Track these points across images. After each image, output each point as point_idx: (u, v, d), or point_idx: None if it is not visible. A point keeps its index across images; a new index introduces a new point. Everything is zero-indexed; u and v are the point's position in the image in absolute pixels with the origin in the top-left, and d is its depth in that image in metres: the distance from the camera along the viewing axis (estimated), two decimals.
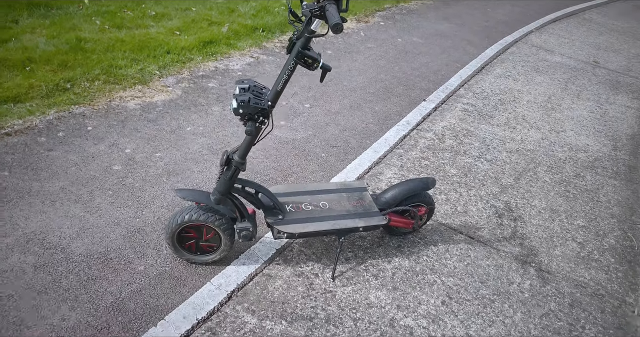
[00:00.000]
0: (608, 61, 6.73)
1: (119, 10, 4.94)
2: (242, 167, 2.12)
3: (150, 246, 2.46)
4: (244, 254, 2.51)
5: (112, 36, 4.36)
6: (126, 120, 3.37)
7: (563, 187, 3.66)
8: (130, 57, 4.07)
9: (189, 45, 4.49)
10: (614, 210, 3.52)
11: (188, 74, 4.13)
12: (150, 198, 2.76)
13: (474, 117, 4.45)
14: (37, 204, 2.57)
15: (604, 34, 8.02)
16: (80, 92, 3.54)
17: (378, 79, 4.78)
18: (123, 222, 2.57)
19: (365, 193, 2.67)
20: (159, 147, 3.18)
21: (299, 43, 1.87)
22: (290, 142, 3.54)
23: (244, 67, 4.44)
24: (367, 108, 4.23)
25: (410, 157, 3.67)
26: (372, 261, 2.65)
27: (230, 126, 3.55)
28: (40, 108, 3.28)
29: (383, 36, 5.88)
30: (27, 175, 2.74)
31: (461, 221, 3.10)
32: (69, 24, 4.43)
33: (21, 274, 2.19)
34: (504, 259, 2.86)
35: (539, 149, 4.13)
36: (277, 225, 2.31)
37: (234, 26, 5.10)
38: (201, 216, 2.20)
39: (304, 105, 4.05)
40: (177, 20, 4.99)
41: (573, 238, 3.15)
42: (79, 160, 2.93)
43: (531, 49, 6.61)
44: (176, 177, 2.96)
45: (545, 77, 5.69)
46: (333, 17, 1.61)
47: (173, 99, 3.73)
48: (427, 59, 5.51)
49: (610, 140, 4.52)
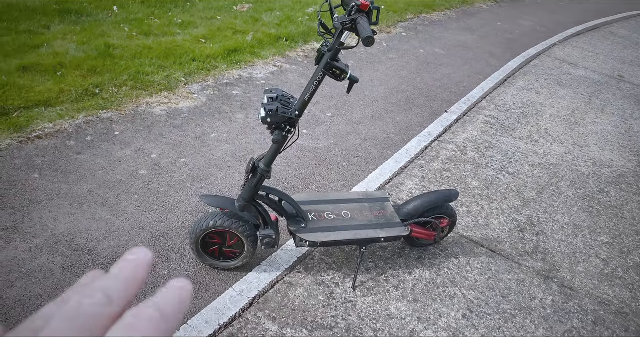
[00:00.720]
0: (633, 76, 6.64)
1: (146, 18, 5.05)
2: (268, 175, 2.14)
3: (174, 251, 2.49)
4: (266, 261, 2.53)
5: (139, 43, 4.45)
6: (152, 126, 3.44)
7: (587, 203, 3.62)
8: (157, 64, 4.15)
9: (214, 53, 4.56)
10: (639, 227, 3.46)
11: (213, 81, 4.20)
12: (174, 203, 2.81)
13: (496, 130, 4.43)
14: (65, 206, 2.63)
15: (629, 48, 7.93)
16: (108, 97, 3.62)
17: (400, 90, 4.79)
18: (148, 226, 2.61)
19: (388, 203, 2.68)
20: (183, 153, 3.23)
21: (328, 55, 1.90)
22: (312, 151, 3.57)
23: (267, 76, 4.50)
24: (388, 118, 4.25)
25: (432, 169, 3.66)
26: (392, 271, 2.65)
27: (254, 134, 3.59)
28: (69, 112, 3.36)
29: (405, 47, 5.90)
30: (56, 177, 2.81)
31: (483, 234, 3.08)
32: (98, 30, 4.54)
33: (49, 274, 2.24)
34: (526, 273, 2.83)
35: (562, 163, 4.09)
36: (299, 233, 2.33)
37: (258, 35, 5.17)
38: (225, 222, 2.23)
39: (325, 115, 4.08)
40: (203, 29, 5.08)
41: (597, 255, 3.11)
42: (106, 164, 2.99)
43: (554, 62, 6.56)
44: (200, 183, 3.00)
45: (568, 91, 5.65)
46: (365, 30, 1.63)
47: (198, 106, 3.79)
48: (449, 70, 5.51)
49: (635, 156, 4.46)
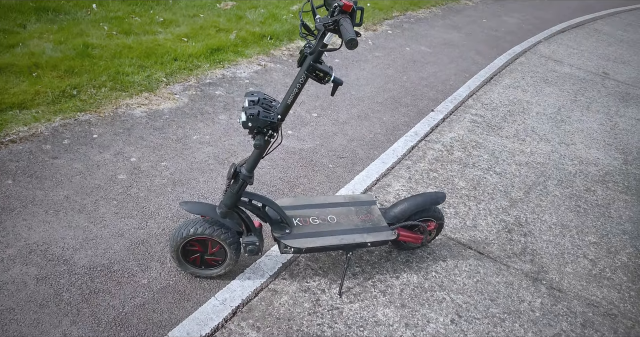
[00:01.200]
0: (617, 72, 6.67)
1: (127, 16, 4.93)
2: (250, 181, 2.07)
3: (154, 259, 2.41)
4: (250, 268, 2.46)
5: (119, 42, 4.33)
6: (132, 128, 3.34)
7: (574, 202, 3.60)
8: (137, 64, 4.05)
9: (196, 52, 4.46)
10: (625, 226, 3.45)
11: (195, 81, 4.10)
12: (155, 208, 2.72)
13: (483, 129, 4.40)
14: (40, 214, 2.53)
15: (613, 45, 7.97)
16: (86, 99, 3.51)
17: (386, 89, 4.74)
18: (127, 233, 2.53)
19: (374, 207, 2.62)
20: (164, 156, 3.14)
21: (311, 57, 1.83)
22: (297, 153, 3.50)
23: (251, 75, 4.41)
24: (375, 118, 4.19)
25: (419, 169, 3.61)
26: (379, 276, 2.59)
27: (237, 135, 3.51)
28: (46, 115, 3.25)
29: (391, 45, 5.85)
30: (31, 183, 2.71)
31: (470, 235, 3.04)
32: (76, 29, 4.41)
33: (22, 286, 2.15)
34: (514, 276, 2.80)
35: (549, 162, 4.08)
36: (284, 239, 2.26)
37: (242, 33, 5.07)
38: (207, 230, 2.15)
39: (311, 115, 4.01)
40: (185, 27, 4.97)
41: (584, 255, 3.08)
42: (84, 168, 2.89)
43: (540, 59, 6.56)
44: (182, 187, 2.92)
45: (554, 88, 5.64)
46: (347, 32, 1.57)
47: (180, 107, 3.70)
48: (435, 68, 5.47)
49: (620, 154, 4.46)
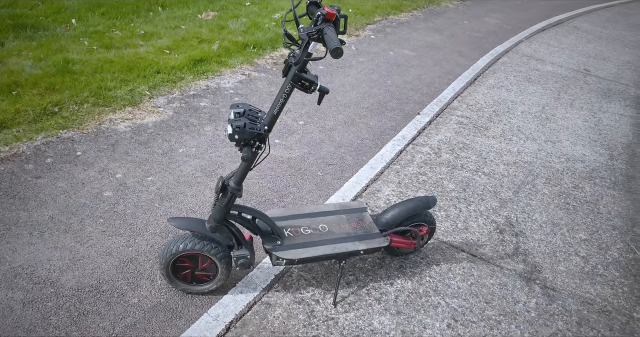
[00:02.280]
0: (598, 69, 6.75)
1: (107, 30, 4.88)
2: (239, 194, 2.04)
3: (144, 276, 2.37)
4: (242, 282, 2.42)
5: (100, 57, 4.28)
6: (116, 143, 3.29)
7: (563, 200, 3.61)
8: (120, 78, 4.00)
9: (179, 64, 4.43)
10: (615, 221, 3.47)
11: (179, 93, 4.06)
12: (142, 225, 2.67)
13: (469, 130, 4.41)
14: (24, 236, 2.47)
15: (592, 42, 8.07)
16: (68, 115, 3.45)
17: (371, 94, 4.74)
18: (115, 251, 2.48)
19: (365, 214, 2.61)
20: (150, 171, 3.10)
21: (296, 66, 1.81)
22: (285, 161, 3.47)
23: (235, 85, 4.38)
24: (361, 123, 4.18)
25: (408, 173, 3.61)
26: (374, 283, 2.57)
27: (224, 146, 3.48)
28: (27, 134, 3.19)
29: (374, 49, 5.86)
30: (14, 205, 2.65)
31: (462, 238, 3.03)
32: (56, 45, 4.35)
33: (8, 311, 2.09)
34: (508, 277, 2.79)
35: (536, 160, 4.09)
36: (275, 251, 2.23)
37: (225, 43, 5.05)
38: (196, 245, 2.12)
39: (298, 123, 3.99)
40: (167, 39, 4.93)
41: (576, 252, 3.09)
42: (68, 187, 2.83)
43: (522, 58, 6.62)
44: (169, 202, 2.87)
45: (537, 87, 5.69)
46: (332, 41, 1.55)
47: (164, 120, 3.66)
48: (420, 71, 5.49)
49: (606, 150, 4.50)
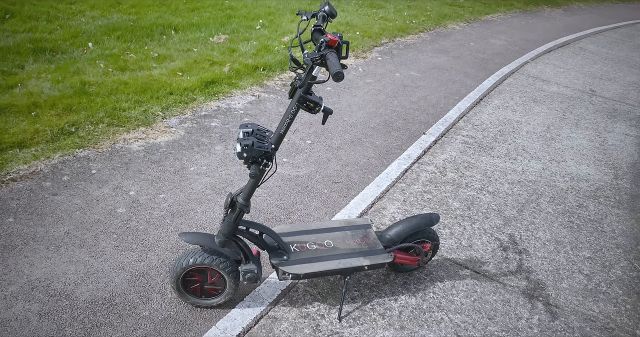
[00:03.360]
0: (604, 89, 6.82)
1: (122, 53, 5.06)
2: (247, 210, 2.13)
3: (155, 290, 2.45)
4: (249, 296, 2.49)
5: (115, 79, 4.44)
6: (130, 162, 3.41)
7: (567, 218, 3.66)
8: (134, 99, 4.15)
9: (191, 85, 4.58)
10: (619, 240, 3.50)
11: (191, 114, 4.20)
12: (154, 240, 2.77)
13: (474, 149, 4.49)
14: (41, 250, 2.57)
15: (598, 63, 8.16)
16: (84, 135, 3.59)
17: (378, 114, 4.85)
18: (127, 266, 2.57)
19: (370, 230, 2.68)
20: (162, 189, 3.20)
21: (301, 89, 1.92)
22: (293, 179, 3.56)
23: (245, 106, 4.52)
24: (367, 143, 4.28)
25: (413, 191, 3.68)
26: (378, 299, 2.63)
27: (233, 165, 3.58)
28: (45, 152, 3.32)
29: (381, 71, 5.99)
30: (32, 220, 2.76)
31: (466, 255, 3.09)
32: (73, 68, 4.53)
33: (25, 323, 2.17)
34: (511, 293, 2.83)
35: (541, 179, 4.15)
36: (282, 266, 2.31)
37: (235, 66, 5.21)
38: (206, 259, 2.20)
39: (305, 142, 4.10)
40: (180, 62, 5.10)
41: (579, 270, 3.13)
42: (84, 204, 2.94)
43: (528, 79, 6.71)
44: (180, 218, 2.97)
45: (543, 107, 5.76)
46: (334, 65, 1.66)
47: (176, 140, 3.78)
48: (426, 92, 5.60)
49: (611, 169, 4.54)
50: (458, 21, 9.27)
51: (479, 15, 10.15)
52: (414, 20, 8.59)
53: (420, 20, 8.68)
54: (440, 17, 9.18)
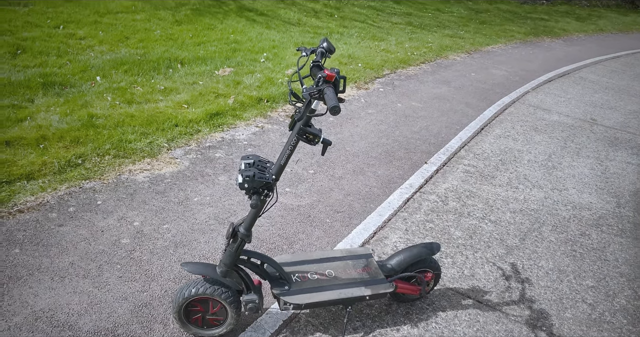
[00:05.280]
0: (605, 118, 6.88)
1: (129, 86, 5.19)
2: (248, 239, 2.17)
3: (157, 321, 2.46)
4: (251, 327, 2.49)
5: (122, 111, 4.56)
6: (135, 193, 3.47)
7: (569, 247, 3.65)
8: (140, 131, 4.24)
9: (196, 117, 4.68)
10: (622, 269, 3.49)
11: (195, 145, 4.28)
12: (157, 271, 2.79)
13: (476, 178, 4.52)
14: (46, 281, 2.60)
15: (599, 92, 8.25)
16: (91, 167, 3.66)
17: (380, 144, 4.91)
18: (131, 296, 2.59)
19: (371, 259, 2.69)
20: (166, 219, 3.24)
21: (301, 121, 1.98)
22: (295, 209, 3.60)
23: (249, 137, 4.60)
24: (370, 172, 4.33)
25: (415, 221, 3.70)
26: (380, 330, 2.62)
27: (237, 195, 3.63)
28: (52, 184, 3.39)
29: (383, 102, 6.10)
30: (37, 251, 2.80)
31: (469, 284, 3.08)
32: (81, 101, 4.65)
33: None
34: (514, 323, 2.82)
35: (543, 208, 4.16)
36: (283, 296, 2.32)
37: (240, 98, 5.32)
38: (208, 290, 2.22)
39: (308, 172, 4.15)
40: (185, 94, 5.23)
41: (583, 299, 3.11)
42: (89, 234, 2.99)
43: (529, 108, 6.80)
44: (183, 248, 3.00)
45: (544, 136, 5.82)
46: (331, 100, 1.72)
47: (181, 171, 3.85)
48: (427, 122, 5.68)
49: (613, 198, 4.55)
50: (459, 52, 9.45)
51: (480, 46, 10.35)
52: (416, 51, 8.77)
53: (421, 51, 8.86)
54: (442, 49, 9.37)
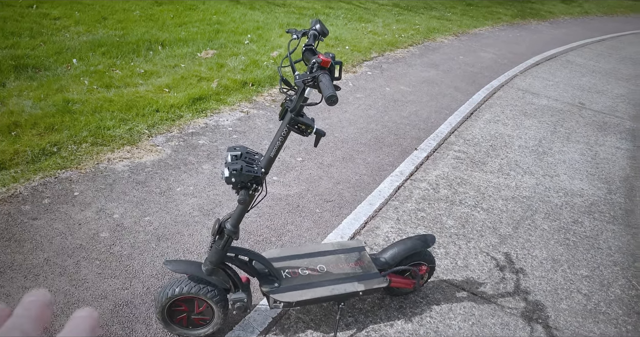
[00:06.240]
0: (593, 102, 6.83)
1: (107, 70, 4.96)
2: (235, 236, 2.03)
3: (139, 320, 2.32)
4: (239, 325, 2.38)
5: (100, 96, 4.34)
6: (114, 183, 3.29)
7: (562, 235, 3.59)
8: (119, 117, 4.04)
9: (178, 102, 4.48)
10: (615, 257, 3.44)
11: (178, 131, 4.10)
12: (139, 266, 2.65)
13: (467, 165, 4.43)
14: (19, 279, 2.44)
15: (586, 75, 8.20)
16: (67, 155, 3.47)
17: (369, 129, 4.78)
18: (110, 294, 2.44)
19: (364, 253, 2.58)
20: (148, 211, 3.09)
21: (292, 111, 1.83)
22: (283, 199, 3.47)
23: (234, 123, 4.42)
24: (359, 159, 4.20)
25: (406, 210, 3.60)
26: (373, 325, 2.53)
27: (221, 185, 3.48)
28: (25, 174, 3.20)
29: (371, 86, 5.94)
30: (9, 248, 2.62)
31: (463, 276, 3.00)
32: (56, 85, 4.41)
33: None
34: (510, 316, 2.75)
35: (535, 195, 4.09)
36: (273, 294, 2.20)
37: (224, 81, 5.12)
38: (192, 289, 2.09)
39: (296, 159, 4.01)
40: (166, 78, 5.01)
41: (578, 290, 3.05)
42: (65, 228, 2.82)
43: (517, 92, 6.71)
44: (166, 242, 2.85)
45: (534, 121, 5.74)
46: (327, 88, 1.57)
47: (162, 159, 3.67)
48: (416, 107, 5.55)
49: (604, 184, 4.50)
50: (446, 35, 9.30)
51: (467, 28, 10.20)
52: (403, 34, 8.60)
53: (409, 34, 8.69)
54: (429, 31, 9.21)
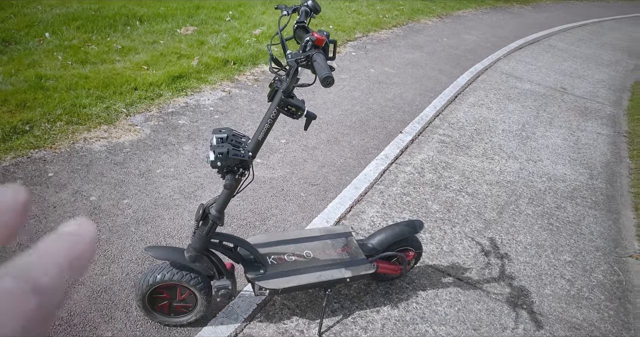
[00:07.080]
0: (575, 87, 6.86)
1: (82, 45, 4.74)
2: (220, 222, 1.95)
3: (118, 307, 2.24)
4: (222, 312, 2.31)
5: (75, 72, 4.15)
6: (91, 164, 3.16)
7: (546, 220, 3.60)
8: (95, 95, 3.87)
9: (157, 80, 4.32)
10: (597, 242, 3.47)
11: (157, 111, 3.95)
12: (118, 251, 2.55)
13: (452, 149, 4.40)
14: None
15: (568, 60, 8.22)
16: (40, 134, 3.31)
17: (353, 112, 4.70)
18: (88, 280, 2.35)
19: (351, 238, 2.53)
20: (126, 193, 2.97)
21: (283, 92, 1.74)
22: (267, 182, 3.38)
23: (215, 102, 4.29)
24: (344, 142, 4.13)
25: (392, 194, 3.55)
26: (359, 311, 2.49)
27: (203, 166, 3.37)
28: None
29: (356, 67, 5.84)
30: None
31: (448, 261, 2.98)
32: (28, 60, 4.20)
33: None
34: (495, 302, 2.74)
35: (519, 180, 4.09)
36: (258, 281, 2.14)
37: (205, 59, 4.96)
38: (175, 276, 2.01)
39: (280, 141, 3.91)
40: (145, 54, 4.82)
41: (561, 275, 3.07)
42: (39, 211, 2.69)
43: (501, 76, 6.68)
44: (146, 226, 2.75)
45: (517, 105, 5.73)
46: (323, 68, 1.48)
47: (141, 139, 3.54)
48: (401, 89, 5.48)
49: (586, 169, 4.53)
50: (431, 16, 9.19)
51: (451, 10, 10.11)
52: (387, 14, 8.46)
53: (393, 14, 8.56)
54: (413, 12, 9.09)
